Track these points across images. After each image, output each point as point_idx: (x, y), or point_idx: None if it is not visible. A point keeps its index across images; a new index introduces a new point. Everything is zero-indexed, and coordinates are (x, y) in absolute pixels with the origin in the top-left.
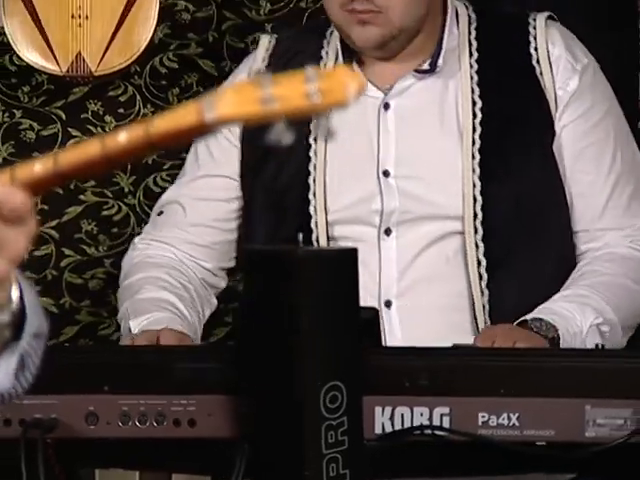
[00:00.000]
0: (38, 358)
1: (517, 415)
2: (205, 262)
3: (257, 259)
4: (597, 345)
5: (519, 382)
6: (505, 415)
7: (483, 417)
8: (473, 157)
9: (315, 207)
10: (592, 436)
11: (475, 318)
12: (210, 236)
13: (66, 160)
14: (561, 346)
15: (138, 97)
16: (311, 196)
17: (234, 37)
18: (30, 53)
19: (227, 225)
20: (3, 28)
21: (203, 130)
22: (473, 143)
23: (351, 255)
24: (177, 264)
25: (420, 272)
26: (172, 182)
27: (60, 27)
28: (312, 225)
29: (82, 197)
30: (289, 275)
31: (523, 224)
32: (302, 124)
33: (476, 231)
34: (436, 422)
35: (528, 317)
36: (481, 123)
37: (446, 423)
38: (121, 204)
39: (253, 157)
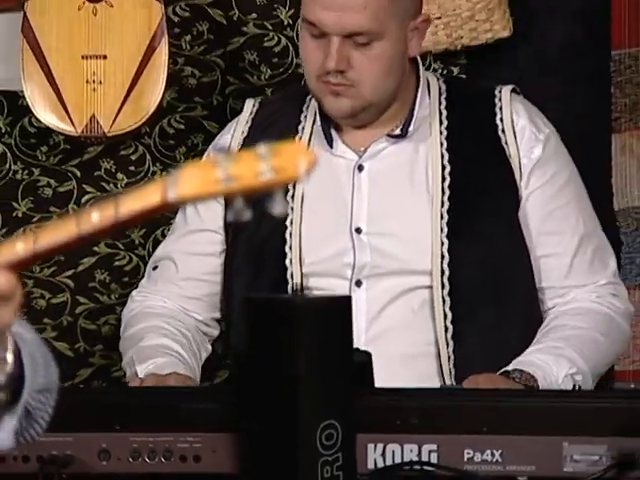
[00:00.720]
0: (48, 411)
1: (500, 452)
2: (197, 314)
3: (257, 307)
4: (574, 386)
5: (501, 421)
6: (489, 452)
7: (468, 453)
8: (442, 217)
9: (291, 260)
10: (570, 471)
11: (441, 367)
12: (200, 289)
13: (45, 240)
14: None
15: (148, 156)
16: (287, 249)
17: (237, 100)
18: (48, 115)
19: (216, 278)
20: (23, 92)
21: (166, 208)
22: (442, 204)
23: (345, 302)
24: (174, 313)
25: (388, 322)
26: None
27: (75, 91)
28: (288, 276)
29: (96, 249)
30: (287, 322)
31: (488, 281)
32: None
33: (443, 286)
34: (425, 458)
35: (509, 368)
36: (450, 186)
37: (434, 459)
38: (132, 255)
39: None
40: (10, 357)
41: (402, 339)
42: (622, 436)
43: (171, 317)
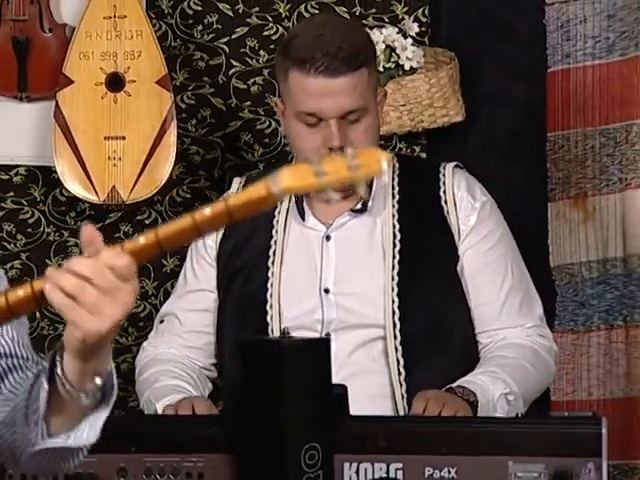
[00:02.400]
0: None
1: (455, 469)
2: (199, 361)
3: (250, 347)
4: (517, 414)
5: (457, 444)
6: (446, 469)
7: (429, 471)
8: (393, 279)
9: (272, 316)
10: None
11: (396, 404)
12: (201, 340)
13: (164, 232)
14: (478, 409)
15: (160, 221)
16: (268, 308)
17: (235, 174)
18: (75, 187)
19: (213, 329)
20: (55, 167)
21: (271, 200)
22: (393, 268)
23: (325, 343)
24: (180, 359)
25: (352, 368)
26: None
27: (99, 166)
28: (269, 331)
29: None
30: (276, 359)
31: (434, 331)
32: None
33: (395, 337)
34: (392, 475)
35: (453, 385)
36: (399, 252)
37: (400, 476)
38: (146, 304)
39: (225, 275)
40: (111, 363)
41: (365, 381)
42: (557, 456)
43: (178, 362)
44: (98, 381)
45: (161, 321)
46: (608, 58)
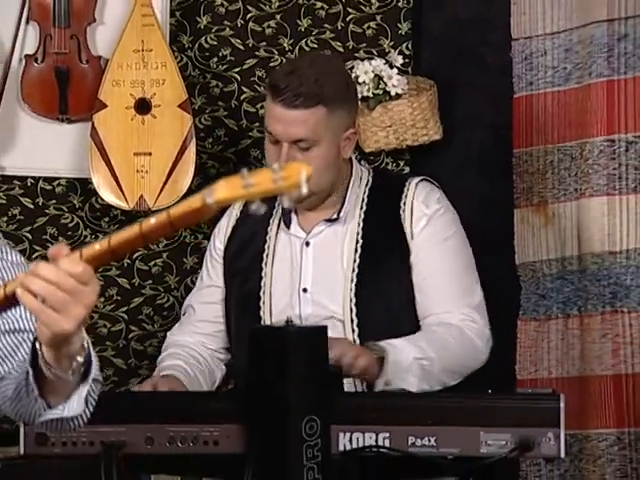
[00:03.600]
0: (95, 399)
1: (435, 438)
2: (211, 345)
3: (260, 333)
4: (489, 390)
5: (437, 416)
6: (427, 438)
7: (412, 439)
8: (352, 280)
9: (264, 311)
10: (485, 452)
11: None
12: (212, 328)
13: (117, 239)
14: (385, 365)
15: None
16: (261, 303)
17: None
18: (108, 196)
19: (223, 318)
20: (91, 178)
21: (207, 210)
22: (353, 270)
23: (323, 331)
24: (193, 345)
25: None
26: None
27: (128, 178)
28: (262, 322)
29: (143, 291)
30: (282, 344)
31: (385, 319)
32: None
33: (352, 330)
34: (380, 442)
35: (370, 342)
36: (360, 256)
37: (387, 443)
38: (169, 296)
39: (228, 274)
40: (88, 341)
41: None
42: (522, 427)
43: (188, 347)
44: (80, 359)
45: (184, 313)
46: (565, 86)
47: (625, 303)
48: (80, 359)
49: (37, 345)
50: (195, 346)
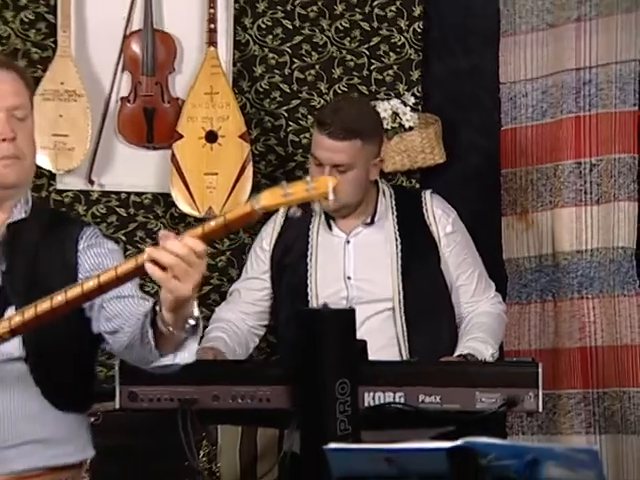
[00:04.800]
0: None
1: (440, 396)
2: (249, 322)
3: (304, 315)
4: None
5: (441, 379)
6: (433, 396)
7: (422, 397)
8: (397, 269)
9: (311, 296)
10: (479, 407)
11: (401, 354)
12: (252, 309)
13: (207, 228)
14: None
15: (240, 231)
16: (309, 290)
17: None
18: (184, 207)
19: (261, 302)
20: (171, 193)
21: (254, 214)
22: (397, 262)
23: (351, 312)
24: (234, 320)
25: (367, 327)
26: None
27: (200, 193)
28: (309, 305)
29: (211, 281)
30: (320, 322)
31: (425, 304)
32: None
33: (401, 307)
34: (396, 400)
35: (464, 352)
36: (401, 250)
37: (402, 400)
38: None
39: (277, 269)
40: (196, 306)
41: (378, 337)
42: (509, 387)
43: (229, 321)
44: (191, 321)
45: (230, 294)
46: (542, 120)
47: (589, 291)
48: (192, 321)
49: (157, 308)
50: (236, 322)
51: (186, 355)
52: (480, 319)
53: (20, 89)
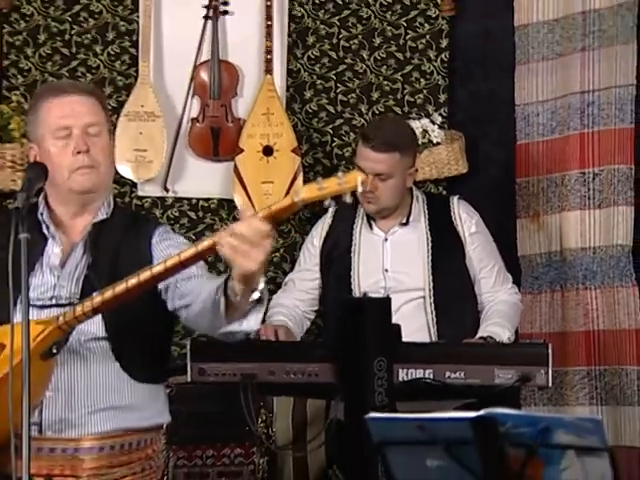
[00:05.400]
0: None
1: (464, 372)
2: (302, 308)
3: (347, 302)
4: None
5: (465, 358)
6: (458, 373)
7: (448, 374)
8: (428, 263)
9: (354, 285)
10: (498, 382)
11: (430, 337)
12: (304, 296)
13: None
14: None
15: (293, 231)
16: (352, 280)
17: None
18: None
19: (312, 291)
20: (234, 199)
21: (295, 206)
22: (428, 257)
23: (388, 300)
24: (290, 305)
25: (401, 314)
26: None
27: (258, 199)
28: (353, 294)
29: (267, 274)
30: (360, 309)
31: (452, 294)
32: (347, 245)
33: (431, 296)
34: (426, 376)
35: (484, 335)
36: (431, 248)
37: (431, 376)
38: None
39: (326, 262)
40: (263, 280)
41: (410, 323)
42: (523, 365)
43: (288, 307)
44: (257, 293)
45: (285, 283)
46: (551, 136)
47: (592, 283)
48: (257, 293)
49: (229, 282)
50: (292, 307)
51: (251, 323)
52: (499, 307)
53: (96, 111)
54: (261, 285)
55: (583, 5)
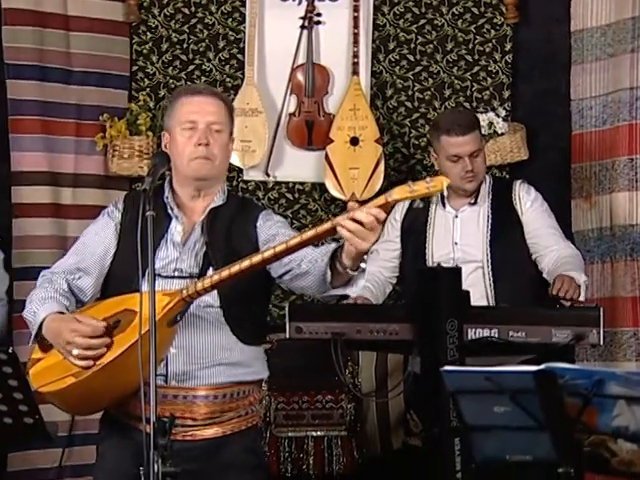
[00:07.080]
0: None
1: (525, 332)
2: (385, 273)
3: (423, 271)
4: (557, 306)
5: (526, 319)
6: (520, 332)
7: (511, 333)
8: (487, 238)
9: (428, 256)
10: (555, 340)
11: (488, 302)
12: (387, 264)
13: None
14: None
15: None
16: (427, 251)
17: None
18: (334, 192)
19: (394, 259)
20: (325, 183)
21: (388, 205)
22: (487, 232)
23: (459, 269)
24: (375, 272)
25: (468, 282)
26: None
27: (346, 183)
28: (427, 263)
29: None
30: (435, 277)
31: (509, 263)
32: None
33: (488, 266)
34: (492, 335)
35: (564, 274)
36: (491, 224)
37: (496, 335)
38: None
39: (405, 235)
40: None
41: (474, 289)
42: (577, 326)
43: (372, 274)
44: (363, 265)
45: (370, 252)
46: (602, 127)
47: (639, 255)
48: (363, 265)
49: (338, 255)
50: (376, 273)
51: (354, 289)
52: (568, 257)
53: (221, 112)
54: (365, 257)
55: (633, 11)
